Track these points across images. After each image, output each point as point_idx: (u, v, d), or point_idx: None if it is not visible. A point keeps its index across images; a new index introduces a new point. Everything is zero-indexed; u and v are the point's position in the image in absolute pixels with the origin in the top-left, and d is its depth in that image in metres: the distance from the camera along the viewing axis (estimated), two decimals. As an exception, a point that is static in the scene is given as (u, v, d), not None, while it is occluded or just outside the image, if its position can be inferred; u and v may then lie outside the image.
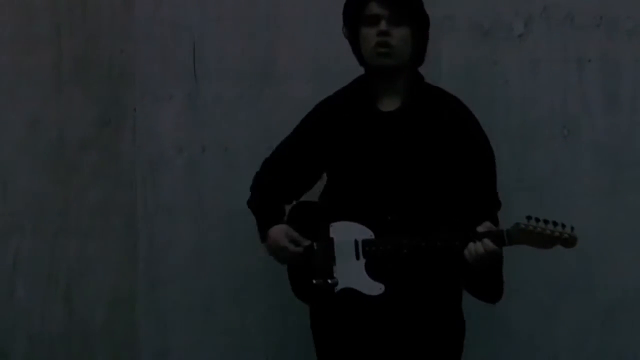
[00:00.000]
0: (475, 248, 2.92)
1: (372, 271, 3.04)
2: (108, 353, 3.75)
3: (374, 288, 3.04)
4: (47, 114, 3.73)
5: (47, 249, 3.73)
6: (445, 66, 3.63)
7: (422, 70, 3.59)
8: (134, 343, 3.77)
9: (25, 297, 3.74)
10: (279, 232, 3.14)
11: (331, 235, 3.10)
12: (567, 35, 3.61)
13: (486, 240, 2.92)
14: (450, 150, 3.05)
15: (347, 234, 3.07)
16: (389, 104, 3.12)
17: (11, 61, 3.75)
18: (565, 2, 3.60)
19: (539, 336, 3.61)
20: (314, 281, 3.09)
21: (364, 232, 3.05)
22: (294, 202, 3.26)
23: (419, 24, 3.10)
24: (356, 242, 3.05)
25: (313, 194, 3.27)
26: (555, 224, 2.88)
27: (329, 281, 3.08)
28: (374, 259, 3.04)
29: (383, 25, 3.02)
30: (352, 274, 3.06)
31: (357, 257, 3.06)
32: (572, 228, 2.89)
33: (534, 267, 3.58)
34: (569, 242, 2.89)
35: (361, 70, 3.16)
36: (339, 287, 3.08)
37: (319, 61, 3.39)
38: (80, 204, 3.73)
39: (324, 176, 3.24)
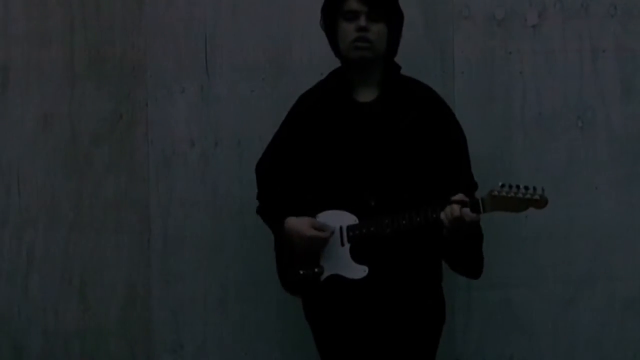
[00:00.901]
0: (450, 210, 2.99)
1: (357, 255, 3.13)
2: (122, 348, 3.75)
3: (358, 271, 3.12)
4: (60, 109, 3.73)
5: (61, 244, 3.73)
6: (459, 57, 3.62)
7: (436, 60, 3.60)
8: (148, 338, 3.76)
9: (39, 292, 3.75)
10: (301, 223, 3.17)
11: None
12: (582, 25, 3.59)
13: (452, 206, 3.00)
14: (425, 136, 3.15)
15: (332, 222, 3.16)
16: (365, 95, 3.22)
17: (25, 56, 3.76)
18: (579, -8, 3.59)
19: (557, 328, 3.59)
20: (301, 272, 3.18)
21: (348, 219, 3.14)
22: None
23: (394, 20, 3.21)
24: (341, 228, 3.14)
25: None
26: (526, 187, 2.97)
27: (315, 270, 3.16)
28: (359, 242, 3.12)
29: (362, 21, 3.15)
30: (337, 260, 3.15)
31: (342, 244, 3.15)
32: (543, 189, 2.97)
33: (551, 258, 3.57)
34: (540, 203, 2.97)
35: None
36: (324, 276, 3.17)
37: (333, 54, 3.36)
38: (93, 199, 3.73)
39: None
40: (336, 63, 3.30)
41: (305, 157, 3.24)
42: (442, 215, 3.00)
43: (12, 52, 3.77)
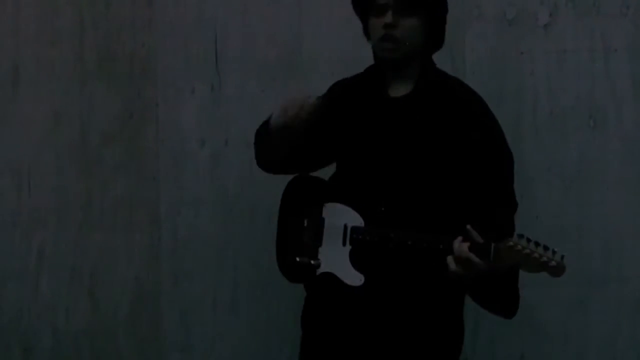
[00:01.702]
0: (459, 249, 2.74)
1: (355, 260, 2.95)
2: (132, 347, 3.75)
3: (354, 278, 2.94)
4: (70, 108, 3.74)
5: (71, 243, 3.74)
6: (469, 56, 3.60)
7: (446, 60, 3.58)
8: (158, 337, 3.76)
9: (49, 291, 3.75)
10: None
11: (323, 215, 3.02)
12: (593, 24, 3.57)
13: (463, 248, 2.74)
14: (458, 142, 2.89)
15: (338, 217, 2.98)
16: (399, 90, 3.00)
17: (35, 55, 3.77)
18: (590, -10, 3.58)
19: (569, 328, 3.58)
20: (298, 259, 3.03)
21: (355, 219, 2.96)
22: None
23: (432, 11, 2.95)
24: (345, 227, 2.97)
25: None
26: (546, 248, 2.68)
27: (312, 262, 3.01)
28: (360, 248, 2.95)
29: (389, 17, 2.89)
30: (335, 259, 2.98)
31: (344, 243, 2.97)
32: (563, 257, 2.70)
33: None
34: (557, 270, 2.70)
35: None
36: (320, 270, 3.01)
37: (344, 54, 3.37)
38: (103, 198, 3.73)
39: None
40: (349, 63, 3.28)
41: (325, 145, 3.07)
42: (448, 261, 2.74)
43: (23, 51, 3.78)
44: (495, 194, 2.88)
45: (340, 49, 3.24)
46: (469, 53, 3.61)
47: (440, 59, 3.57)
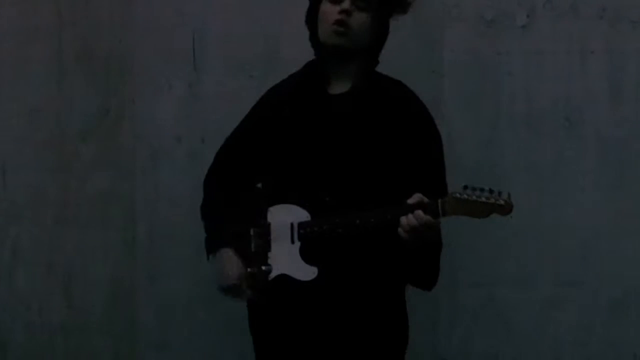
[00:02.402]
0: (407, 220, 2.81)
1: (306, 255, 2.94)
2: (107, 344, 3.74)
3: (307, 272, 2.93)
4: (48, 104, 3.73)
5: (47, 239, 3.73)
6: (448, 56, 3.62)
7: (425, 59, 3.59)
8: (133, 335, 3.75)
9: (24, 287, 3.74)
10: (230, 265, 3.03)
11: (269, 220, 3.00)
12: (571, 26, 3.60)
13: (418, 212, 2.81)
14: (396, 135, 2.96)
15: (284, 217, 2.97)
16: (338, 87, 3.05)
17: (12, 52, 3.76)
18: (568, -7, 3.60)
19: (543, 328, 3.59)
20: (249, 269, 3.00)
21: (300, 215, 2.95)
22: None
23: (381, 12, 3.02)
24: (292, 225, 2.96)
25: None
26: (491, 191, 2.77)
27: (263, 268, 2.98)
28: (309, 241, 2.94)
29: (346, 4, 2.95)
30: (285, 258, 2.96)
31: (292, 241, 2.96)
32: (509, 195, 2.78)
33: (537, 257, 3.57)
34: (505, 208, 2.78)
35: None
36: (273, 274, 2.98)
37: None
38: (80, 194, 3.73)
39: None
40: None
41: (265, 152, 3.07)
42: (400, 227, 2.81)
43: (0, 47, 3.76)
44: (434, 183, 2.94)
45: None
46: (447, 53, 3.62)
47: (419, 60, 3.61)
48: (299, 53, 3.62)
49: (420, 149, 2.97)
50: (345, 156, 2.96)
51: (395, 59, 3.25)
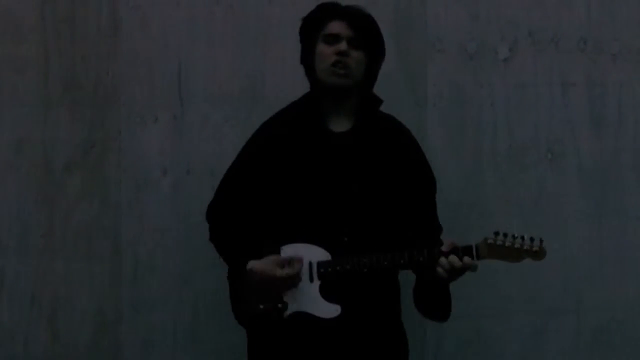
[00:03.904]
0: (450, 262, 2.93)
1: (328, 293, 3.01)
2: (92, 376, 3.73)
3: (330, 310, 3.01)
4: (34, 135, 3.72)
5: (32, 271, 3.71)
6: (431, 89, 3.65)
7: (409, 92, 3.62)
8: (118, 366, 3.74)
9: (8, 319, 3.72)
10: (266, 265, 3.04)
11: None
12: (552, 59, 3.64)
13: (453, 257, 2.94)
14: (398, 173, 3.07)
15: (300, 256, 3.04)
16: (339, 125, 3.12)
17: (-1, 81, 3.75)
18: (549, 26, 3.64)
19: (527, 358, 3.61)
20: (261, 306, 3.04)
21: (319, 254, 3.02)
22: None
23: (375, 51, 3.11)
24: (310, 264, 3.02)
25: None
26: (523, 238, 2.94)
27: (279, 305, 3.03)
28: (330, 280, 3.01)
29: (343, 46, 3.04)
30: (305, 297, 3.02)
31: (311, 280, 3.02)
32: (541, 241, 2.93)
33: (521, 288, 3.59)
34: (539, 254, 2.95)
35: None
36: (289, 312, 3.03)
37: (308, 88, 3.38)
38: (65, 226, 3.71)
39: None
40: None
41: (268, 188, 3.11)
42: (439, 269, 2.93)
43: (-13, 77, 3.76)
44: (430, 219, 3.12)
45: (304, 83, 3.26)
46: (430, 85, 3.66)
47: (402, 91, 3.64)
48: (282, 86, 3.67)
49: (421, 187, 3.11)
50: (360, 195, 3.03)
51: (380, 91, 3.29)
